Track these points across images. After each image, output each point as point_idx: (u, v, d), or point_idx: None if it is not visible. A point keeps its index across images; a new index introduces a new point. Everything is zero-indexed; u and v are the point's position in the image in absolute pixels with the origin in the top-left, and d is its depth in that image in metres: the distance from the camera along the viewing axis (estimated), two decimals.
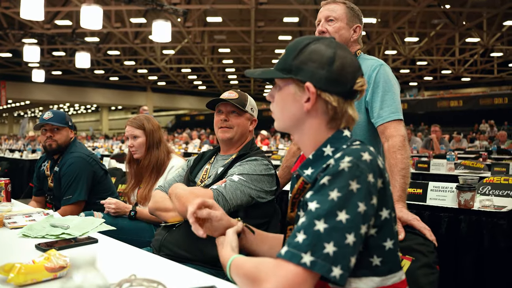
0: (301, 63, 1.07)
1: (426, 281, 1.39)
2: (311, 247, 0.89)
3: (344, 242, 0.89)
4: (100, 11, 10.89)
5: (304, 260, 0.88)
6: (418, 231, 1.52)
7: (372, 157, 0.98)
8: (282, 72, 1.09)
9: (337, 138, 1.07)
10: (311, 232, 0.90)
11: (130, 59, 24.15)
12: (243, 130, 2.07)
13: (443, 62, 23.83)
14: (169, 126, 35.07)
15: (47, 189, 2.92)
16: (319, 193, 0.95)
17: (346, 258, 0.90)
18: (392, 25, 17.35)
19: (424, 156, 6.44)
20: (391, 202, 1.03)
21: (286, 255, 0.90)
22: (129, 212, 2.45)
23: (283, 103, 1.11)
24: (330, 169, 0.96)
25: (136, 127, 2.62)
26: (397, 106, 1.86)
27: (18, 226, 1.76)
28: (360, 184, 0.93)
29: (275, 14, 17.51)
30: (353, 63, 1.09)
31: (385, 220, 1.00)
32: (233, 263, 1.09)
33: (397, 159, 1.71)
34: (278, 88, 1.13)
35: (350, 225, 0.91)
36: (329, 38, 1.11)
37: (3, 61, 22.73)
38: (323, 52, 1.06)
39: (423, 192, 2.51)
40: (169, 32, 12.70)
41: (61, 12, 15.98)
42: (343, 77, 1.05)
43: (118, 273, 1.11)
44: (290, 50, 1.10)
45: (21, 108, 40.31)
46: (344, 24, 1.96)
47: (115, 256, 1.42)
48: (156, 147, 2.61)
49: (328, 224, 0.90)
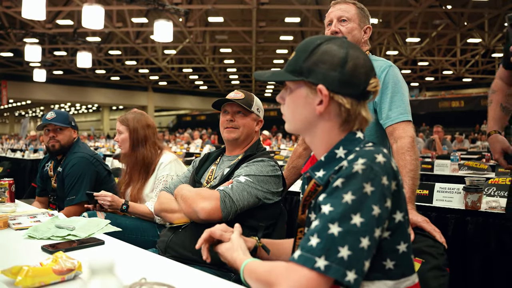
0: (312, 65, 1.04)
1: (437, 284, 1.38)
2: (325, 251, 0.87)
3: (359, 246, 0.88)
4: (101, 11, 10.85)
5: (318, 265, 0.86)
6: (428, 233, 1.50)
7: (386, 159, 0.96)
8: (293, 74, 1.06)
9: (350, 140, 1.05)
10: (325, 236, 0.88)
11: (132, 59, 24.13)
12: (249, 131, 2.05)
13: (445, 62, 23.80)
14: (170, 126, 35.08)
15: (51, 190, 2.90)
16: (332, 195, 0.93)
17: (360, 262, 0.88)
18: (394, 26, 17.33)
19: (427, 157, 6.42)
20: (405, 205, 1.01)
21: (299, 260, 0.88)
22: (121, 206, 2.43)
23: (294, 106, 1.09)
24: (344, 171, 0.94)
25: (120, 123, 2.64)
26: (406, 107, 1.84)
27: (23, 227, 1.75)
28: (374, 187, 0.92)
29: (276, 14, 17.49)
30: (366, 63, 1.06)
31: (399, 223, 0.98)
32: (246, 268, 1.07)
33: (406, 160, 1.70)
34: (289, 91, 1.10)
35: (365, 229, 0.89)
36: (340, 38, 1.08)
37: (5, 60, 22.71)
38: (335, 53, 1.03)
39: (430, 194, 2.49)
40: (171, 32, 12.67)
41: (63, 11, 15.97)
42: (356, 78, 1.03)
43: (126, 275, 1.10)
44: (301, 51, 1.07)
45: (22, 108, 40.31)
46: (356, 25, 1.94)
47: (122, 258, 1.41)
48: (142, 145, 2.60)
49: (343, 227, 0.88)
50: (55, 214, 1.93)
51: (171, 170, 2.54)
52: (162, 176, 2.53)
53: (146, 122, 2.65)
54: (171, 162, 2.57)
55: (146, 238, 2.31)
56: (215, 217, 1.76)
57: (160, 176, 2.53)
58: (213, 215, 1.75)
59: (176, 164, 2.59)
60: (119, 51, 22.55)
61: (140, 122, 2.64)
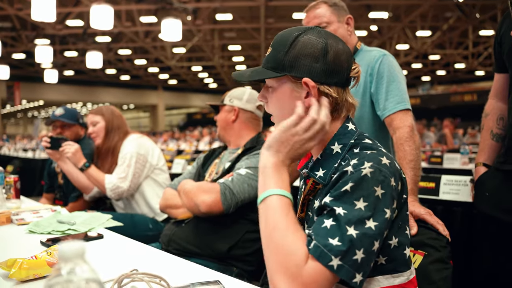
0: (294, 59, 1.01)
1: (439, 277, 1.35)
2: (343, 252, 0.85)
3: (372, 249, 0.87)
4: (110, 11, 10.90)
5: (332, 263, 0.85)
6: (431, 225, 1.48)
7: (390, 160, 0.96)
8: (275, 71, 1.04)
9: (343, 134, 1.04)
10: (345, 238, 0.86)
11: (141, 58, 24.25)
12: (223, 123, 2.10)
13: (456, 56, 23.47)
14: (181, 124, 35.22)
15: (57, 186, 2.93)
16: (342, 199, 0.90)
17: (369, 264, 0.88)
18: (404, 19, 17.14)
19: (437, 151, 6.35)
20: (404, 203, 1.00)
21: (315, 252, 0.86)
22: (83, 163, 2.55)
23: (281, 103, 1.06)
24: (352, 175, 0.91)
25: (95, 114, 2.71)
26: (402, 95, 1.80)
27: (25, 222, 1.76)
28: (384, 190, 0.91)
29: (284, 11, 17.43)
30: (345, 49, 1.05)
31: (393, 220, 0.97)
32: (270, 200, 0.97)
33: (405, 151, 1.66)
34: (272, 89, 1.07)
35: (378, 232, 0.88)
36: (316, 28, 1.05)
37: (17, 62, 22.97)
38: (315, 44, 1.01)
39: (436, 186, 2.45)
40: (179, 30, 12.68)
41: (72, 12, 16.09)
42: (339, 66, 1.02)
43: (122, 268, 1.09)
44: (279, 45, 1.04)
45: (35, 109, 40.78)
46: (337, 23, 1.89)
47: (120, 251, 1.41)
48: (115, 133, 2.67)
49: (360, 230, 0.87)
50: (58, 210, 1.94)
51: (132, 147, 2.57)
52: (122, 155, 2.57)
53: (118, 112, 2.75)
54: (133, 140, 2.62)
55: (140, 233, 2.33)
56: (216, 209, 1.76)
57: (121, 155, 2.58)
58: (214, 208, 1.76)
59: (139, 141, 2.62)
60: (129, 51, 22.66)
61: (114, 112, 2.73)
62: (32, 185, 6.61)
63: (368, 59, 1.91)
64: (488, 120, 1.80)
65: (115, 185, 2.46)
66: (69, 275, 0.48)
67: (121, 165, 2.53)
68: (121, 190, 2.47)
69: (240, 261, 1.87)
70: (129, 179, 2.48)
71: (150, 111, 34.48)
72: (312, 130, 0.99)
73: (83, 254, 0.49)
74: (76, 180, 2.57)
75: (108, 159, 2.64)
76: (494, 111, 1.78)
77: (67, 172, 2.59)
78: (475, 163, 1.81)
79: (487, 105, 1.83)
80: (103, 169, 2.64)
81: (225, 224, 1.87)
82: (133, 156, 2.51)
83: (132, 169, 2.49)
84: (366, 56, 1.93)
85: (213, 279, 1.05)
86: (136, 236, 2.23)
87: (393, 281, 0.97)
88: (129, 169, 2.49)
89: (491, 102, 1.81)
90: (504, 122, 1.74)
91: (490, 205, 1.62)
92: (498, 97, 1.78)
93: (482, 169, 1.74)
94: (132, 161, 2.50)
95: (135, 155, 2.52)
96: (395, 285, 0.98)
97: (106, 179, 2.49)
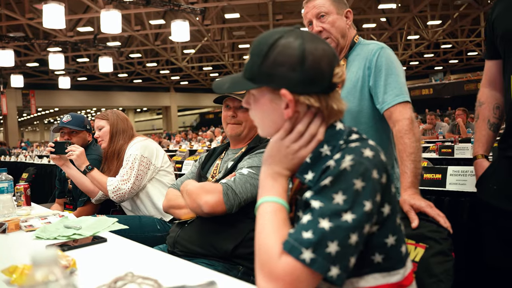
0: (270, 69, 0.96)
1: (442, 269, 1.34)
2: (314, 244, 0.85)
3: (348, 242, 0.86)
4: (119, 16, 11.08)
5: (304, 256, 0.85)
6: (432, 218, 1.47)
7: (374, 152, 0.93)
8: (252, 82, 1.00)
9: (331, 135, 1.01)
10: (316, 230, 0.86)
11: (152, 60, 24.45)
12: (251, 125, 2.04)
13: (469, 43, 23.13)
14: (194, 125, 35.39)
15: (67, 191, 2.98)
16: (320, 194, 0.90)
17: (346, 258, 0.86)
18: (413, 9, 16.93)
19: (449, 141, 6.27)
20: (393, 197, 0.98)
21: (285, 246, 0.87)
22: (86, 166, 2.60)
23: (261, 112, 1.04)
24: (331, 170, 0.91)
25: (100, 119, 2.77)
26: (401, 88, 1.77)
27: (33, 228, 1.80)
28: (365, 182, 0.88)
29: (292, 6, 17.37)
30: (326, 53, 0.98)
31: (387, 216, 0.95)
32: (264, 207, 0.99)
33: (405, 144, 1.65)
34: (253, 97, 1.04)
35: (355, 225, 0.86)
36: (293, 31, 1.00)
37: (31, 70, 23.37)
38: (292, 52, 0.95)
39: (443, 177, 2.42)
40: (188, 31, 12.78)
41: (83, 19, 16.30)
42: (318, 73, 0.96)
43: (122, 271, 1.11)
44: (255, 54, 1.00)
45: (50, 115, 41.43)
46: (336, 15, 1.87)
47: (122, 254, 1.43)
48: (120, 137, 2.72)
49: (333, 222, 0.86)
50: (65, 215, 1.98)
51: (136, 150, 2.58)
52: (126, 157, 2.60)
53: (124, 116, 2.79)
54: (137, 143, 2.63)
55: (148, 234, 2.36)
56: (219, 210, 1.77)
57: (125, 157, 2.61)
58: (217, 208, 1.76)
59: (142, 144, 2.63)
60: (140, 54, 22.89)
61: (119, 116, 2.77)
62: (49, 191, 6.73)
63: (365, 52, 1.90)
64: (483, 110, 1.75)
65: (116, 187, 2.49)
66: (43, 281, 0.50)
67: (124, 167, 2.56)
68: (123, 192, 2.50)
69: (245, 259, 1.88)
70: (131, 181, 2.51)
71: (163, 113, 34.72)
72: (302, 140, 1.00)
73: (55, 260, 0.50)
74: (81, 184, 2.61)
75: (114, 162, 2.68)
76: (489, 100, 1.73)
77: (72, 176, 2.64)
78: (474, 155, 1.76)
79: (480, 94, 1.78)
80: (110, 172, 2.67)
81: (229, 223, 1.86)
82: (137, 159, 2.54)
83: (135, 171, 2.52)
84: (364, 50, 1.92)
85: (208, 280, 1.06)
86: (144, 238, 2.27)
87: (389, 278, 0.97)
88: (132, 171, 2.52)
89: (484, 91, 1.76)
90: (500, 111, 1.69)
91: (501, 198, 1.58)
92: (492, 86, 1.73)
93: (485, 162, 1.70)
94: (136, 164, 2.53)
95: (139, 158, 2.54)
96: (392, 283, 0.97)
97: (108, 181, 2.53)
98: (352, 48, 1.95)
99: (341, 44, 1.91)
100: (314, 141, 1.01)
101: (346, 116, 1.84)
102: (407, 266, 1.01)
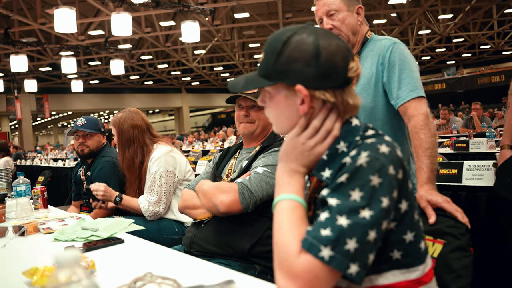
0: (285, 65, 0.97)
1: (460, 265, 1.32)
2: (332, 241, 0.84)
3: (366, 239, 0.85)
4: (129, 18, 11.16)
5: (323, 254, 0.84)
6: (449, 213, 1.45)
7: (390, 148, 0.92)
8: (267, 79, 1.01)
9: (347, 132, 1.00)
10: (334, 227, 0.85)
11: (163, 62, 24.59)
12: (264, 123, 2.04)
13: (481, 37, 22.79)
14: (206, 125, 35.50)
15: (83, 193, 3.02)
16: (337, 191, 0.89)
17: (365, 255, 0.86)
18: (424, 4, 16.75)
19: (464, 136, 6.19)
20: (411, 193, 0.97)
21: (304, 244, 0.87)
22: (115, 197, 2.53)
23: (277, 109, 1.04)
24: (348, 167, 0.91)
25: (113, 125, 2.70)
26: (415, 83, 1.76)
27: (51, 231, 1.82)
28: (382, 178, 0.88)
29: (302, 4, 17.33)
30: (340, 47, 0.98)
31: (405, 213, 0.94)
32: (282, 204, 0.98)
33: (421, 139, 1.63)
34: (269, 95, 1.05)
35: (373, 221, 0.86)
36: (307, 27, 1.01)
37: (44, 75, 23.68)
38: (306, 47, 0.96)
39: (459, 172, 2.40)
40: (198, 32, 12.82)
41: (94, 22, 16.45)
42: (333, 68, 0.96)
43: (140, 272, 1.11)
44: (270, 51, 1.01)
45: (64, 119, 41.91)
46: (346, 12, 1.86)
47: (139, 255, 1.45)
48: (128, 147, 2.64)
49: (351, 219, 0.85)
50: (82, 217, 2.00)
51: (160, 166, 2.54)
52: (151, 174, 2.55)
53: (132, 122, 2.65)
54: (160, 157, 2.56)
55: (166, 237, 2.36)
56: (234, 209, 1.77)
57: (150, 173, 2.56)
58: (233, 208, 1.76)
59: (166, 158, 2.57)
60: (151, 56, 23.02)
61: (125, 123, 2.65)
62: (65, 194, 6.82)
63: (378, 48, 1.88)
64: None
65: (152, 211, 2.48)
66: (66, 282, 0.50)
67: (151, 186, 2.52)
68: (159, 213, 2.51)
69: (262, 258, 1.87)
70: (163, 201, 2.50)
71: (175, 114, 34.89)
72: (318, 136, 1.00)
73: (78, 261, 0.51)
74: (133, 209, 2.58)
75: (132, 173, 2.66)
76: None
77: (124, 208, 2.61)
78: (501, 145, 1.74)
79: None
80: (132, 188, 2.66)
81: (245, 222, 1.86)
82: (163, 176, 2.52)
83: (164, 189, 2.51)
84: (377, 45, 1.91)
85: (226, 279, 1.06)
86: (162, 240, 2.28)
87: (409, 275, 0.96)
88: (161, 189, 2.50)
89: None
90: None
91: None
92: None
93: (508, 153, 1.68)
94: (163, 181, 2.51)
95: (165, 174, 2.53)
96: (411, 279, 0.96)
97: (142, 207, 2.50)
98: (365, 44, 1.94)
99: (352, 41, 1.90)
100: (330, 137, 1.00)
101: (361, 113, 1.83)
102: (426, 262, 1.00)
